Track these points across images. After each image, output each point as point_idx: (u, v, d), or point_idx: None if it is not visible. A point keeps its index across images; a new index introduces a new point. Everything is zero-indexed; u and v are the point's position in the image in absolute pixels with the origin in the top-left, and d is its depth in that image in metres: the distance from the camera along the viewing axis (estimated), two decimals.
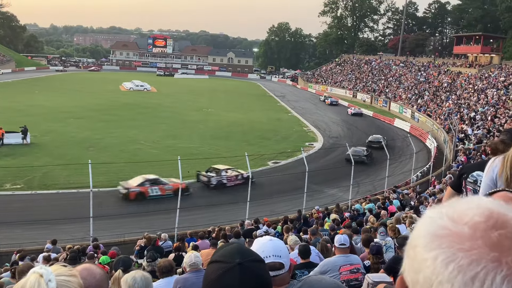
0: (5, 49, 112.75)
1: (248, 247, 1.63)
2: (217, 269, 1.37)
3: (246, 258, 1.40)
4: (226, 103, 64.26)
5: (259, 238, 1.94)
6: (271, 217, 18.99)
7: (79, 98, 59.50)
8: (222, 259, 1.39)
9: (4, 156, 29.17)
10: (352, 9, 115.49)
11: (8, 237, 17.03)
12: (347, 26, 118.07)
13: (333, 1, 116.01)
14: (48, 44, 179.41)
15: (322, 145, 38.78)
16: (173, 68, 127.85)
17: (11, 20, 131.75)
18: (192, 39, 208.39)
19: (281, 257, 1.83)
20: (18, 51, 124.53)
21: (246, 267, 1.37)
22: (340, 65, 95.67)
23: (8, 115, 42.84)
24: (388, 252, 7.08)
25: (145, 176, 24.16)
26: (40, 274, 1.31)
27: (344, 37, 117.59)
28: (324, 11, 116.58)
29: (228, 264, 1.37)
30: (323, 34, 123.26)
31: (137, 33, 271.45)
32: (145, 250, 11.80)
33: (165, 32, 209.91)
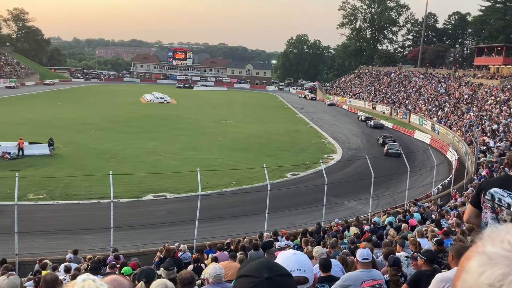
0: (30, 62, 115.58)
1: (275, 261, 1.65)
2: (246, 283, 1.38)
3: (274, 272, 1.41)
4: (245, 115, 64.51)
5: (283, 252, 1.96)
6: (290, 229, 18.91)
7: (100, 110, 60.50)
8: (250, 273, 1.40)
9: (28, 166, 29.76)
10: (371, 21, 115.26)
11: (30, 246, 17.28)
12: (366, 38, 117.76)
13: (352, 13, 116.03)
14: (71, 57, 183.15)
15: (341, 157, 38.55)
16: (193, 80, 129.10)
17: (36, 34, 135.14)
18: (212, 52, 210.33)
19: (306, 271, 1.84)
20: (42, 64, 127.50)
21: (274, 282, 1.38)
22: (359, 76, 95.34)
23: (32, 127, 43.82)
24: (410, 267, 6.98)
25: None
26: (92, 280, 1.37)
27: (363, 48, 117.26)
28: (343, 23, 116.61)
29: (256, 279, 1.37)
30: (342, 45, 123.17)
31: (158, 46, 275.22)
32: (164, 261, 11.87)
33: (185, 45, 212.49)
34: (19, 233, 15.44)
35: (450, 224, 12.73)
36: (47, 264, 12.11)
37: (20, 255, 15.54)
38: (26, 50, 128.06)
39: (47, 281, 5.12)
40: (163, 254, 12.72)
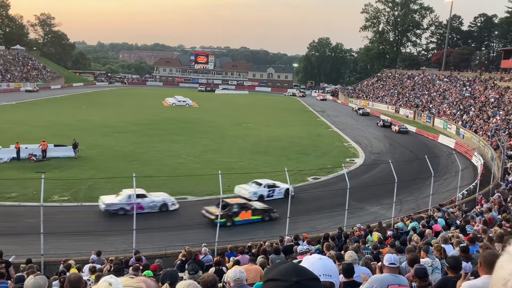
0: (55, 66, 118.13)
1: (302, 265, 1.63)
2: (274, 287, 1.38)
3: (303, 276, 1.40)
4: (266, 118, 64.54)
5: (308, 257, 1.93)
6: (311, 233, 18.78)
7: (124, 113, 61.35)
8: (279, 277, 1.40)
9: (53, 168, 30.35)
10: (394, 24, 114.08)
11: (55, 247, 17.58)
12: (389, 41, 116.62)
13: (374, 16, 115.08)
14: (95, 61, 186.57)
15: (363, 161, 38.16)
16: (214, 83, 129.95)
17: (62, 39, 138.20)
18: (233, 55, 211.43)
19: (332, 276, 1.82)
20: (67, 67, 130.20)
21: (303, 286, 1.37)
22: (382, 80, 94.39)
23: (57, 129, 44.72)
24: (435, 273, 6.84)
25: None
26: (109, 283, 1.38)
27: (386, 51, 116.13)
28: (366, 26, 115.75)
29: (285, 283, 1.38)
30: (365, 48, 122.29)
31: (180, 50, 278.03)
32: (186, 264, 11.92)
33: (207, 49, 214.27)
34: (44, 233, 15.74)
35: (476, 230, 12.45)
36: (72, 265, 12.31)
37: (45, 256, 15.84)
38: (52, 54, 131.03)
39: (71, 281, 5.19)
40: (185, 257, 12.80)
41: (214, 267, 11.23)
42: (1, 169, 29.59)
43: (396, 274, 5.00)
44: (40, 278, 4.12)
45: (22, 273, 10.42)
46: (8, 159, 31.62)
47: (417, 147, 45.73)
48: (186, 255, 12.73)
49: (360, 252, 10.19)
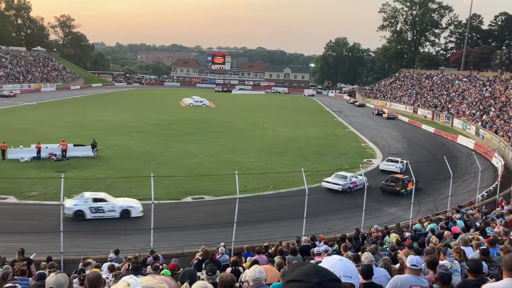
0: (75, 67, 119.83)
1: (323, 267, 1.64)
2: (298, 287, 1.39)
3: (324, 277, 1.41)
4: (282, 118, 64.45)
5: (328, 258, 1.93)
6: (328, 234, 18.72)
7: (142, 113, 61.92)
8: (300, 278, 1.41)
9: (72, 168, 30.80)
10: (412, 23, 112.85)
11: (75, 245, 17.85)
12: (407, 41, 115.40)
13: (392, 16, 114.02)
14: (113, 62, 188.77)
15: (381, 162, 37.81)
16: (231, 84, 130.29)
17: (81, 40, 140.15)
18: (250, 56, 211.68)
19: (352, 277, 1.82)
20: (86, 68, 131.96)
21: (325, 286, 1.38)
22: (400, 80, 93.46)
23: (77, 129, 45.38)
24: (454, 276, 6.75)
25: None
26: (128, 283, 1.39)
27: (404, 51, 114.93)
28: (383, 26, 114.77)
29: (306, 284, 1.38)
30: (382, 48, 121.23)
31: (197, 50, 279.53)
32: (202, 263, 11.98)
33: (224, 49, 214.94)
34: (64, 232, 15.99)
35: (497, 232, 12.25)
36: (91, 263, 12.48)
37: (65, 254, 16.09)
38: (71, 55, 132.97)
39: (91, 280, 5.27)
40: (202, 256, 12.86)
41: (230, 267, 11.27)
42: (22, 168, 30.16)
43: (418, 275, 4.95)
44: (61, 275, 4.19)
45: (43, 271, 10.61)
46: (29, 158, 32.20)
47: (436, 148, 45.17)
48: (203, 255, 12.79)
49: (377, 254, 10.12)
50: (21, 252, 12.60)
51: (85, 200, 21.90)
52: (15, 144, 33.67)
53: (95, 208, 21.72)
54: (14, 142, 34.30)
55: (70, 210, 21.20)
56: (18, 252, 12.63)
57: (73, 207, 21.48)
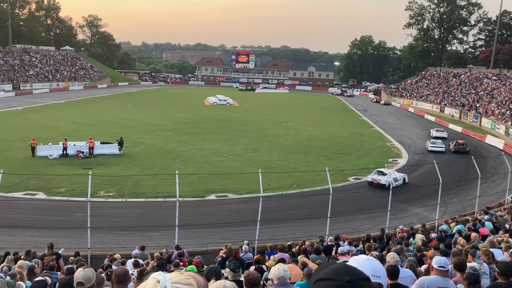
0: (102, 66, 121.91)
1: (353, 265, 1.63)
2: (328, 286, 1.39)
3: (354, 276, 1.41)
4: (306, 117, 64.18)
5: (356, 257, 1.92)
6: (352, 234, 18.57)
7: (167, 111, 62.61)
8: (330, 277, 1.41)
9: (99, 165, 31.38)
10: (439, 21, 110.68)
11: (101, 241, 18.20)
12: (434, 38, 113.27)
13: (419, 13, 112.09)
14: (139, 61, 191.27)
15: (406, 162, 37.31)
16: (255, 83, 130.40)
17: (108, 39, 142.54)
18: (274, 54, 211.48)
19: (380, 277, 1.81)
20: (113, 67, 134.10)
21: (355, 285, 1.38)
22: (426, 78, 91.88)
23: (104, 127, 46.23)
24: (483, 278, 6.61)
25: None
26: (157, 280, 1.41)
27: (431, 49, 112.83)
28: (410, 23, 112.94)
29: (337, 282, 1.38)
30: (408, 46, 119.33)
31: (221, 49, 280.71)
32: (226, 261, 12.05)
33: (248, 48, 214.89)
34: (91, 228, 16.31)
35: None
36: (117, 259, 12.69)
37: (92, 249, 16.41)
38: (98, 54, 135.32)
39: (118, 275, 5.37)
40: (225, 254, 12.93)
41: (254, 265, 11.30)
42: (51, 165, 30.89)
43: (446, 277, 4.87)
44: (89, 270, 4.29)
45: (72, 265, 10.86)
46: (57, 155, 32.94)
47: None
48: (227, 252, 12.86)
49: (403, 254, 10.00)
50: (51, 247, 12.91)
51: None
52: (44, 142, 34.51)
53: None
54: (43, 140, 35.15)
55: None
56: (48, 246, 12.95)
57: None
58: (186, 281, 1.49)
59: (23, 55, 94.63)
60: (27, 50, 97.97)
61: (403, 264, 7.79)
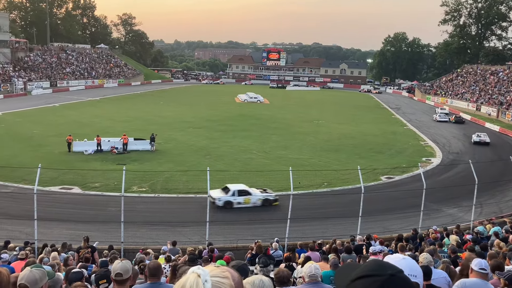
0: (136, 63, 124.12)
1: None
2: (370, 283, 1.39)
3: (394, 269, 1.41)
4: (337, 115, 63.59)
5: (390, 256, 1.90)
6: (384, 234, 18.32)
7: (198, 109, 63.24)
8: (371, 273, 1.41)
9: (132, 161, 32.00)
10: (477, 17, 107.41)
11: (134, 235, 18.60)
12: (471, 35, 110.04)
13: (455, 9, 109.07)
14: (172, 59, 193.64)
15: (441, 161, 36.47)
16: (285, 80, 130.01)
17: (142, 37, 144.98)
18: (305, 52, 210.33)
19: (417, 276, 1.78)
20: (146, 65, 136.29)
21: (399, 278, 1.38)
22: (462, 76, 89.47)
23: (137, 124, 47.11)
24: None
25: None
26: (198, 274, 1.44)
27: (467, 46, 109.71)
28: (445, 20, 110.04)
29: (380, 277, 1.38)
30: (444, 43, 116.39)
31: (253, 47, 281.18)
32: (256, 257, 12.09)
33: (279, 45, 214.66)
34: (124, 222, 16.68)
35: None
36: (149, 253, 12.93)
37: (125, 243, 16.78)
38: (132, 52, 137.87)
39: (151, 269, 5.49)
40: (255, 251, 12.98)
41: (284, 262, 11.31)
42: (86, 161, 31.72)
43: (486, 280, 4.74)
44: (126, 262, 4.41)
45: (105, 259, 11.15)
46: (92, 151, 33.78)
47: (500, 148, 42.94)
48: (257, 249, 12.91)
49: (436, 255, 9.80)
50: (86, 240, 13.28)
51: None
52: (80, 137, 35.47)
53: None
54: (79, 136, 36.13)
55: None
56: (84, 239, 13.32)
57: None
58: (223, 275, 1.51)
59: (60, 53, 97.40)
60: (64, 48, 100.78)
61: (437, 266, 7.64)
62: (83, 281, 6.53)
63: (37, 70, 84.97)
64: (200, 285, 1.41)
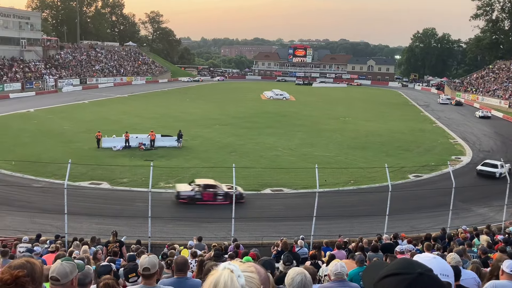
0: (163, 61, 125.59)
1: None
2: (398, 281, 1.37)
3: (424, 269, 1.39)
4: (364, 112, 62.86)
5: (420, 255, 1.87)
6: (411, 233, 18.07)
7: (224, 106, 63.55)
8: (400, 271, 1.39)
9: (159, 157, 32.41)
10: (510, 11, 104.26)
11: (160, 230, 18.85)
12: (504, 30, 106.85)
13: (487, 3, 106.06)
14: (198, 56, 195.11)
15: (471, 160, 35.64)
16: (312, 77, 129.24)
17: (169, 35, 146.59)
18: (332, 48, 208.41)
19: (449, 276, 1.74)
20: (173, 62, 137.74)
21: (428, 276, 1.36)
22: (494, 72, 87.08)
23: (164, 121, 47.69)
24: None
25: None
26: (231, 269, 1.46)
27: (500, 41, 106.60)
28: (477, 15, 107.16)
29: (409, 276, 1.36)
30: (475, 39, 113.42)
31: (279, 43, 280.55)
32: (281, 254, 12.08)
33: (305, 42, 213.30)
34: (151, 217, 16.93)
35: None
36: (176, 248, 13.09)
37: (152, 238, 17.03)
38: (160, 50, 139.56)
39: (178, 263, 5.56)
40: (281, 248, 12.97)
41: (309, 260, 11.27)
42: (115, 156, 32.30)
43: None
44: (154, 257, 4.48)
45: (133, 253, 11.34)
46: (121, 147, 34.39)
47: None
48: (282, 246, 12.89)
49: (465, 255, 9.60)
50: (115, 234, 13.53)
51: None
52: (108, 134, 36.12)
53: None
54: (108, 132, 36.80)
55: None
56: (112, 234, 13.58)
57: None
58: (248, 269, 1.52)
59: (90, 51, 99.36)
60: (94, 46, 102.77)
61: (466, 266, 7.49)
62: (111, 275, 6.66)
63: (68, 68, 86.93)
64: (234, 280, 1.42)
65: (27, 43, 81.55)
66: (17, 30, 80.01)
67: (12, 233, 17.31)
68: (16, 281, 2.10)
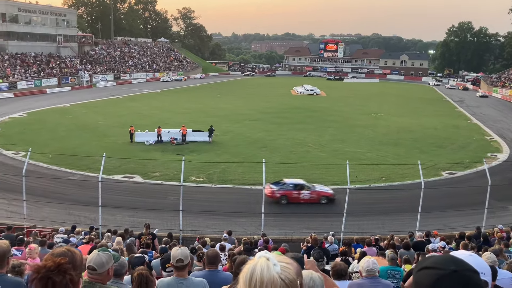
0: (194, 57, 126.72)
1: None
2: (431, 274, 1.37)
3: (461, 267, 1.37)
4: (397, 107, 61.79)
5: (457, 252, 1.85)
6: (444, 231, 17.72)
7: (254, 101, 63.67)
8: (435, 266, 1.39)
9: (191, 152, 32.79)
10: None
11: (191, 224, 19.10)
12: None
13: None
14: (229, 52, 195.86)
15: (508, 157, 34.55)
16: (343, 72, 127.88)
17: (200, 31, 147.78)
18: (364, 43, 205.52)
19: (485, 274, 1.72)
20: (204, 58, 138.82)
21: (462, 275, 1.35)
22: None
23: (195, 116, 48.20)
24: None
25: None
26: (267, 258, 1.50)
27: None
28: None
29: (442, 271, 1.36)
30: None
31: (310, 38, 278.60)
32: (311, 250, 12.07)
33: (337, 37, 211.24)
34: (183, 211, 17.18)
35: None
36: (206, 242, 13.26)
37: (183, 231, 17.29)
38: (191, 45, 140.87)
39: (210, 256, 5.65)
40: (311, 243, 12.95)
41: (339, 256, 11.21)
42: (147, 151, 32.88)
43: None
44: (185, 249, 4.59)
45: (165, 246, 11.55)
46: (153, 141, 34.98)
47: None
48: (312, 242, 12.87)
49: (501, 255, 9.35)
50: (148, 227, 13.81)
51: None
52: (141, 128, 36.80)
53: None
54: (140, 127, 37.48)
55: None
56: (145, 226, 13.87)
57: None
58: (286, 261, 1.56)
59: (123, 47, 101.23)
60: (127, 42, 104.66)
61: (502, 266, 7.30)
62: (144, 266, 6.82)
63: (102, 64, 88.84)
64: (271, 267, 1.46)
65: (63, 40, 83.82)
66: (54, 27, 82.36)
67: (49, 224, 17.87)
68: (59, 268, 2.20)
